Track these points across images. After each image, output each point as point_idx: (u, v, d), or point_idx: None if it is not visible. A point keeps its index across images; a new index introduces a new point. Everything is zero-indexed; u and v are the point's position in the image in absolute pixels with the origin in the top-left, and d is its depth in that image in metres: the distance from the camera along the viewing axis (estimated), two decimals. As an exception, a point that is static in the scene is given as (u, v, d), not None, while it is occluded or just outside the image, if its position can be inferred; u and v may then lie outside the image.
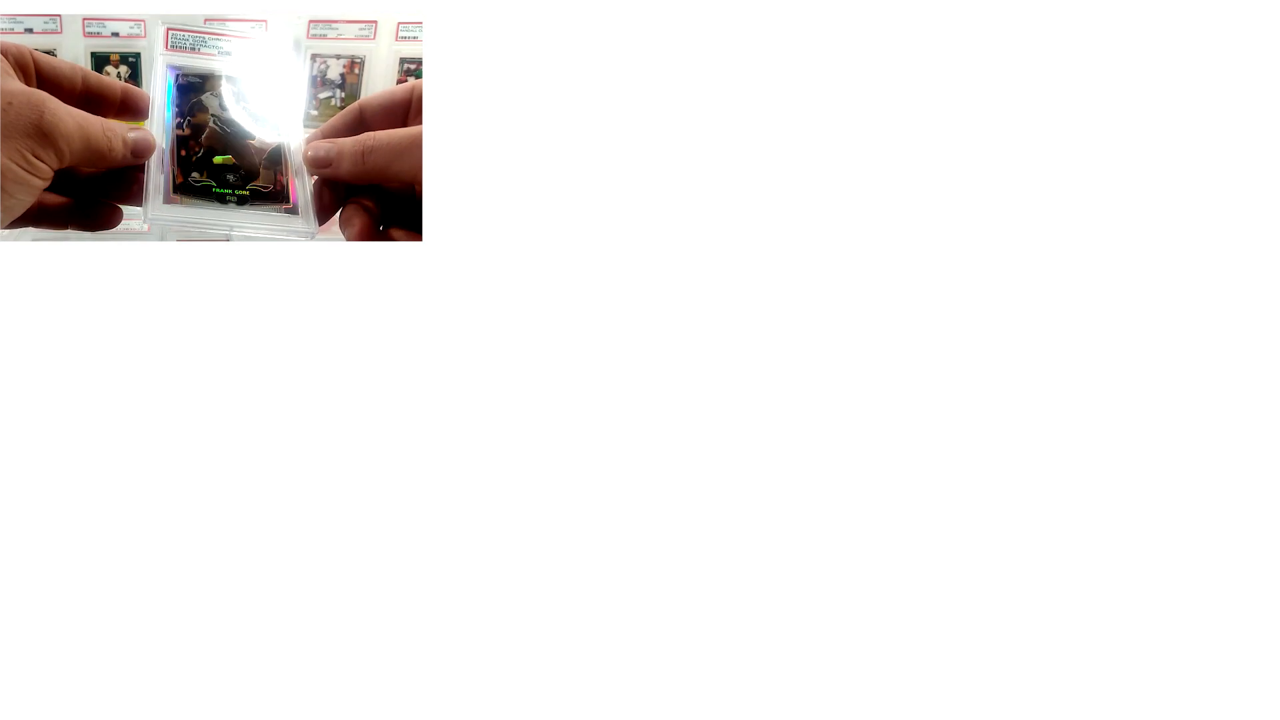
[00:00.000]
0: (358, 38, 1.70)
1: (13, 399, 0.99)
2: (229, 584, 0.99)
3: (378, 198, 1.00)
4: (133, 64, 1.65)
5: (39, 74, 0.97)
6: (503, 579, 1.00)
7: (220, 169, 0.99)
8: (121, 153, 0.97)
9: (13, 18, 1.59)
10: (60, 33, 1.63)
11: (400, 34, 1.71)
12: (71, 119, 0.94)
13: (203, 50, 1.04)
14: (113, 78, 1.63)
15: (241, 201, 0.99)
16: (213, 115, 1.01)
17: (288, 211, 0.99)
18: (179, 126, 1.00)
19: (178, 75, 1.02)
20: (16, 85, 0.94)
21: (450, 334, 1.01)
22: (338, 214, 1.02)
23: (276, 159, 1.00)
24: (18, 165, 0.91)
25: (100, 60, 1.65)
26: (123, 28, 1.65)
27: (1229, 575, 1.00)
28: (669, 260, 1.03)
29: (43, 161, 0.92)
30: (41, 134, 0.92)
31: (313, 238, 1.00)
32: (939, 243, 1.02)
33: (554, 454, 1.01)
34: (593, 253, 1.03)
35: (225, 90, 1.02)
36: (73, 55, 1.63)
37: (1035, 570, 1.00)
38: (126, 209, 1.01)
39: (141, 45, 1.64)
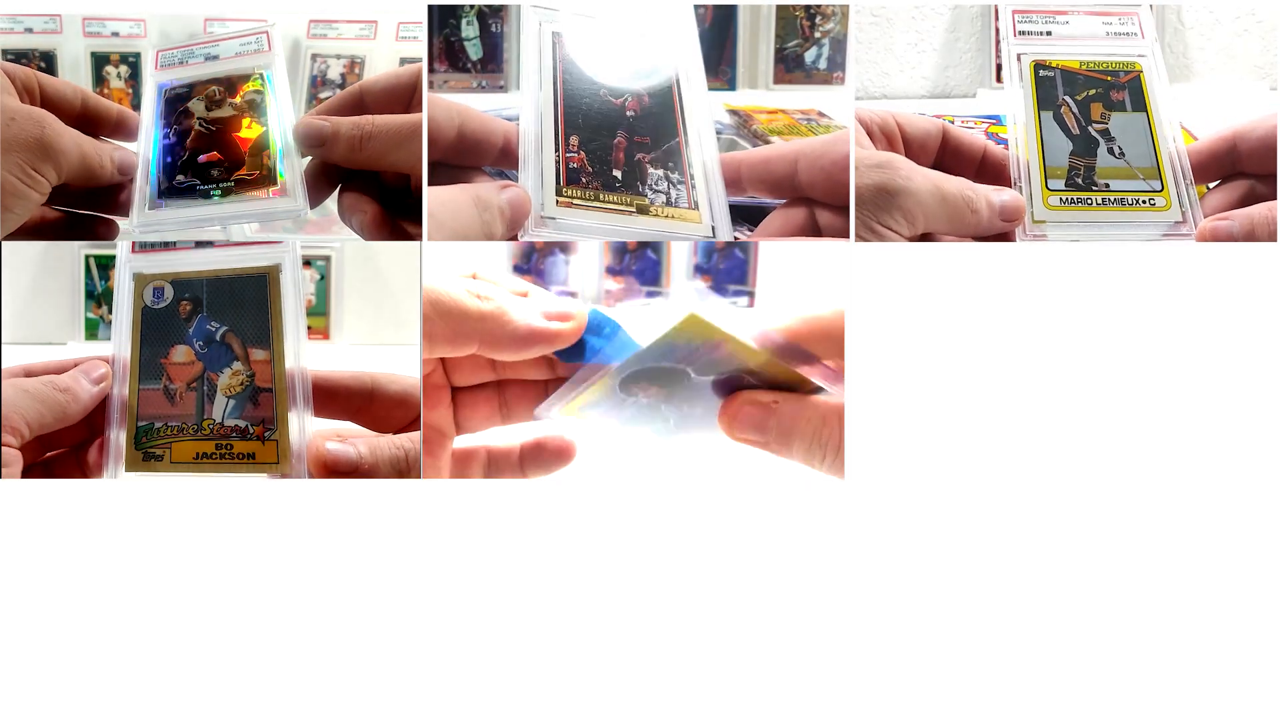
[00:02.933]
0: (358, 38, 1.71)
1: None
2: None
3: (374, 186, 0.97)
4: (133, 64, 1.66)
5: (42, 96, 0.98)
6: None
7: (205, 166, 0.98)
8: (110, 171, 0.97)
9: (13, 17, 1.59)
10: (60, 33, 1.63)
11: (400, 34, 1.72)
12: (69, 136, 0.94)
13: (190, 62, 1.03)
14: (110, 81, 1.64)
15: (226, 193, 0.97)
16: (198, 119, 1.00)
17: (277, 194, 0.96)
18: (165, 136, 1.00)
19: (165, 89, 1.02)
20: (18, 103, 0.94)
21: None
22: (335, 197, 0.99)
23: (263, 144, 0.98)
24: (18, 179, 0.92)
25: (100, 60, 1.65)
26: (123, 28, 1.65)
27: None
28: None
29: (41, 176, 0.92)
30: (42, 149, 0.92)
31: (303, 219, 0.98)
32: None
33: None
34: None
35: (212, 91, 1.01)
36: (73, 55, 1.64)
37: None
38: (120, 220, 1.01)
39: (141, 45, 1.65)
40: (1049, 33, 0.99)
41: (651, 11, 0.97)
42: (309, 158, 0.97)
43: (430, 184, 0.91)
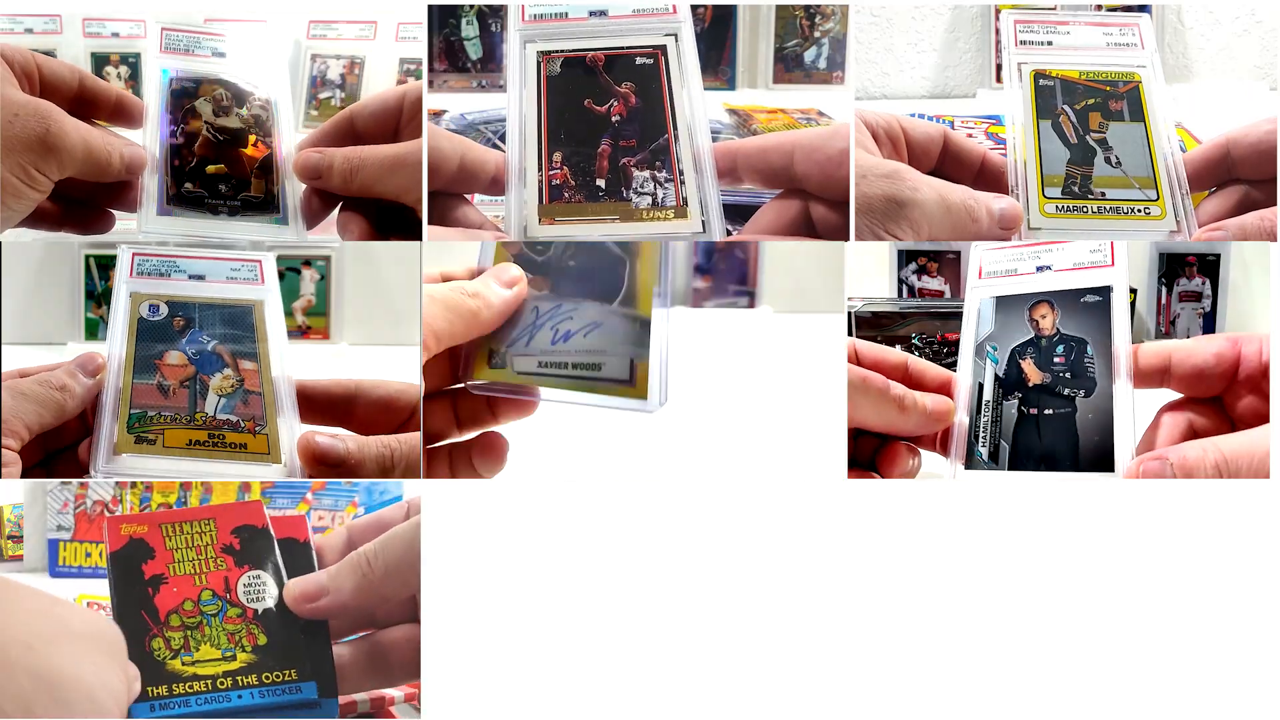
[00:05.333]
0: (358, 38, 1.71)
1: None
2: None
3: (371, 208, 0.98)
4: (133, 64, 1.66)
5: (40, 77, 0.96)
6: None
7: (213, 179, 0.98)
8: (118, 168, 0.95)
9: (13, 18, 1.59)
10: (60, 33, 1.64)
11: (400, 34, 1.72)
12: (76, 132, 0.91)
13: (197, 52, 1.02)
14: (110, 82, 1.64)
15: (233, 212, 0.98)
16: (206, 123, 1.00)
17: (277, 221, 0.99)
18: (173, 135, 0.99)
19: (171, 80, 1.01)
20: (22, 97, 0.91)
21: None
22: (335, 215, 1.00)
23: (268, 167, 0.99)
24: (19, 179, 0.90)
25: (100, 60, 1.66)
26: (123, 28, 1.66)
27: None
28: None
29: (43, 174, 0.90)
30: (46, 147, 0.90)
31: (303, 243, 1.00)
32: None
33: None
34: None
35: (219, 97, 1.01)
36: (72, 55, 1.64)
37: None
38: (121, 215, 1.00)
39: (141, 45, 1.65)
40: (1049, 42, 0.98)
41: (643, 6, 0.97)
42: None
43: (428, 214, 0.94)
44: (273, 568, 0.86)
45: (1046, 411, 0.87)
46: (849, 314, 1.48)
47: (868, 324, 1.48)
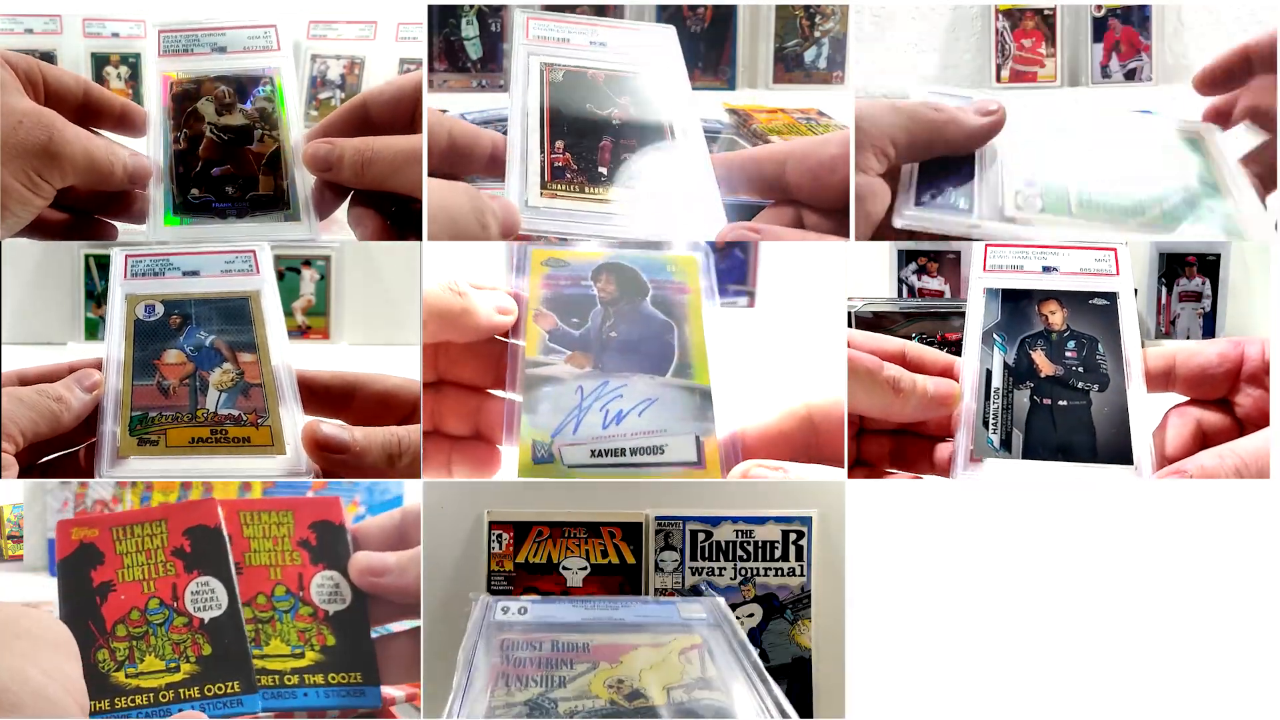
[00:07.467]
0: (358, 38, 1.71)
1: None
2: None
3: (383, 202, 0.98)
4: (133, 64, 1.66)
5: (45, 85, 0.96)
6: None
7: (219, 181, 0.98)
8: (121, 177, 0.95)
9: (13, 18, 1.59)
10: (60, 33, 1.64)
11: (400, 34, 1.72)
12: (79, 141, 0.91)
13: (196, 50, 1.02)
14: (110, 82, 1.64)
15: (241, 213, 0.97)
16: (208, 124, 0.99)
17: (288, 217, 0.98)
18: (175, 141, 0.99)
19: (172, 84, 1.01)
20: (26, 103, 0.91)
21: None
22: (345, 209, 0.99)
23: (276, 162, 0.99)
24: (22, 185, 0.89)
25: (100, 61, 1.65)
26: (123, 28, 1.66)
27: None
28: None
29: (46, 181, 0.90)
30: (49, 155, 0.89)
31: (315, 239, 0.99)
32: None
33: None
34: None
35: (221, 94, 1.01)
36: (73, 55, 1.64)
37: None
38: (126, 227, 1.00)
39: (141, 46, 1.65)
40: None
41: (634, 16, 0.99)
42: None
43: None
44: (224, 573, 0.88)
45: (1061, 403, 0.86)
46: (849, 314, 1.48)
47: (868, 324, 1.48)
